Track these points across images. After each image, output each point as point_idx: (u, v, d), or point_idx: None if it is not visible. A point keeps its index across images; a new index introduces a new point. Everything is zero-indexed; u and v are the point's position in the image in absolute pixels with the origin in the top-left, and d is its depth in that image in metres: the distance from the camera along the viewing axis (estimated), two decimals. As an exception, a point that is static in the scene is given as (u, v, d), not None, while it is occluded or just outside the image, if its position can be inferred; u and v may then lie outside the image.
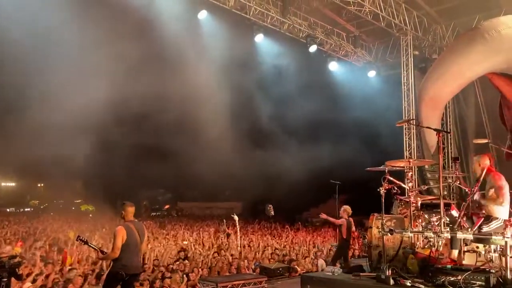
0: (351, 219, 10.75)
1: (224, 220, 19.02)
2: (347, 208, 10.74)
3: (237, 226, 15.52)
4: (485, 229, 5.87)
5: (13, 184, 53.09)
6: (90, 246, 7.45)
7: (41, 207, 52.51)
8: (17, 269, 7.41)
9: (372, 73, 17.99)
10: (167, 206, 57.63)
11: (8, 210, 42.61)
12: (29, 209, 48.40)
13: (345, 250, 10.90)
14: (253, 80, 18.43)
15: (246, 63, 17.69)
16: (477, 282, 5.08)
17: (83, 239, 7.16)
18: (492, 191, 6.21)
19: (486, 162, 6.44)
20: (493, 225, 5.92)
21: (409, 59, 16.08)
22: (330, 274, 6.42)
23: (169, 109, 20.45)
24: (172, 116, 21.87)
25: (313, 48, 16.01)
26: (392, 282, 5.54)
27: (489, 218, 6.04)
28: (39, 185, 58.87)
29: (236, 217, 15.66)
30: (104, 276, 8.61)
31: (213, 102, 20.89)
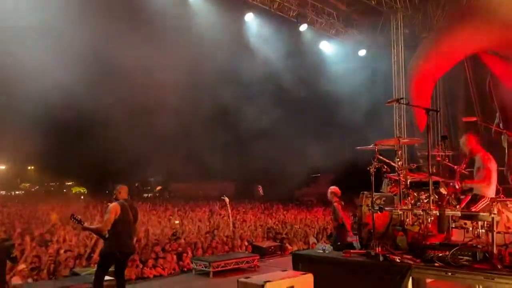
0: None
1: (216, 202, 19.09)
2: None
3: (228, 207, 15.65)
4: (473, 209, 5.97)
5: (3, 167, 52.81)
6: (83, 225, 7.30)
7: (32, 190, 52.33)
8: (10, 252, 7.43)
9: (362, 52, 17.95)
10: (159, 187, 57.70)
11: (-1, 193, 42.48)
12: (20, 192, 48.23)
13: None
14: (243, 59, 18.28)
15: (236, 42, 17.55)
16: (464, 257, 5.21)
17: (77, 218, 7.05)
18: (480, 172, 6.34)
19: (470, 143, 6.54)
20: (480, 205, 6.03)
21: (400, 38, 16.04)
22: (321, 251, 6.52)
23: (158, 89, 20.30)
24: (163, 96, 21.71)
25: (303, 27, 15.92)
26: (381, 258, 5.65)
27: (476, 198, 6.16)
28: (29, 167, 58.54)
29: (226, 199, 15.77)
30: (97, 256, 8.70)
31: (202, 81, 20.75)
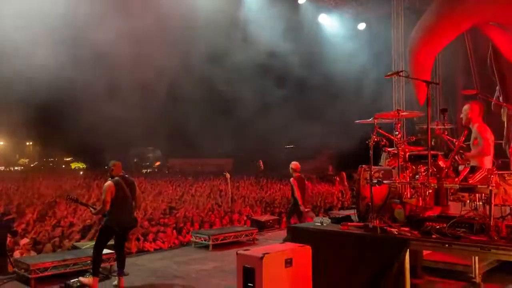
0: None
1: (216, 178, 19.17)
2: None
3: (229, 182, 15.76)
4: (470, 181, 5.98)
5: (1, 143, 52.74)
6: (81, 203, 7.53)
7: (31, 165, 52.38)
8: (11, 226, 7.50)
9: (362, 25, 17.72)
10: (157, 163, 57.82)
11: (-3, 169, 42.58)
12: (18, 168, 48.30)
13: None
14: (241, 33, 18.03)
15: (234, 16, 17.27)
16: (462, 229, 5.24)
17: (72, 197, 7.17)
18: (477, 142, 6.32)
19: (472, 112, 6.52)
20: (478, 176, 6.04)
21: (400, 10, 15.81)
22: (319, 224, 6.56)
23: (154, 67, 20.03)
24: (161, 73, 21.47)
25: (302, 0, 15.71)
26: (379, 231, 5.69)
27: (473, 170, 6.15)
28: (28, 143, 58.48)
29: (227, 175, 15.88)
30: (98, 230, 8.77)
31: (199, 58, 20.50)
